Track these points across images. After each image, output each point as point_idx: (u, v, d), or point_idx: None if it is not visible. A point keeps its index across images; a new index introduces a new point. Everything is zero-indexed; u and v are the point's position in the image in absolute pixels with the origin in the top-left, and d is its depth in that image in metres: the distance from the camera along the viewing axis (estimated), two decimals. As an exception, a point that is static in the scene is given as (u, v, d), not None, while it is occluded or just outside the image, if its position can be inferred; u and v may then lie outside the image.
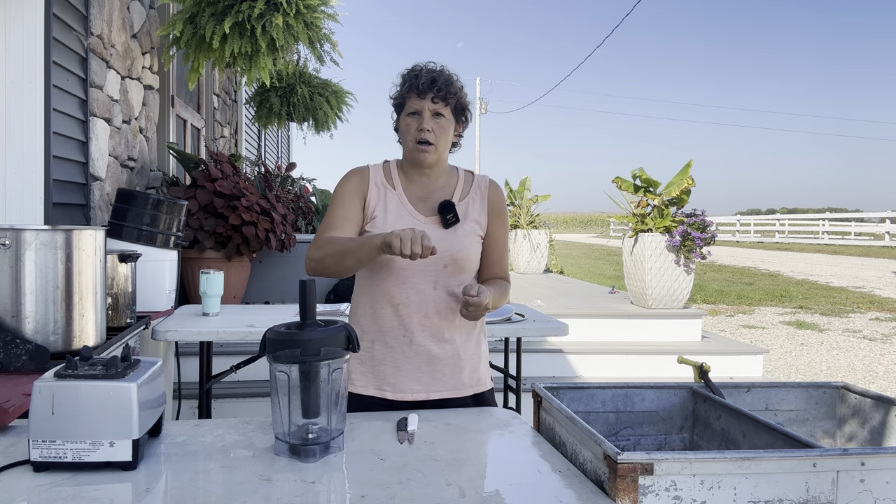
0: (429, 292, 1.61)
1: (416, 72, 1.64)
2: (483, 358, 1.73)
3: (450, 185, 1.72)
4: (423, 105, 1.62)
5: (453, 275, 1.63)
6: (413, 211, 1.65)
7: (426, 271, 1.61)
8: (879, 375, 5.82)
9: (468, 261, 1.65)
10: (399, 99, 1.67)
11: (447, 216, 1.64)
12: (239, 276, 4.62)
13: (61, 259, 1.72)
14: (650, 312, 5.03)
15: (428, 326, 1.62)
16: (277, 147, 11.26)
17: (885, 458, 1.06)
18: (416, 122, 1.62)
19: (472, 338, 1.69)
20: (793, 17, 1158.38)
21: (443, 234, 1.63)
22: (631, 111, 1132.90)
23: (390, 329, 1.62)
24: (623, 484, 1.00)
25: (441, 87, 1.61)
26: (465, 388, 1.66)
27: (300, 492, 1.04)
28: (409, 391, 1.62)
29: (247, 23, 3.58)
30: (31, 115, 2.71)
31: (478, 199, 1.71)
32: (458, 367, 1.65)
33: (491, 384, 1.73)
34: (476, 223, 1.68)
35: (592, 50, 18.67)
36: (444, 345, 1.63)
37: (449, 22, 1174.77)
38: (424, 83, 1.61)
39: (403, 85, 1.65)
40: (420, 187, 1.69)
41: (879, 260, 18.15)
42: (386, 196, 1.66)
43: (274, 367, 1.19)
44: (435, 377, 1.63)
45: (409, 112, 1.63)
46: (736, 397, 1.52)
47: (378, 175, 1.69)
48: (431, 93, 1.61)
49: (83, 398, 1.10)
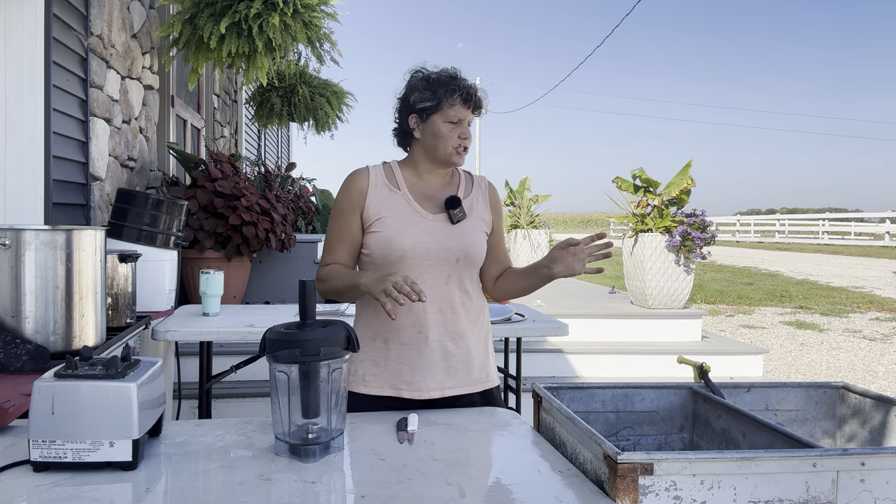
0: (442, 287, 1.64)
1: (464, 82, 1.68)
2: (491, 355, 1.76)
3: (452, 183, 1.76)
4: (467, 115, 1.67)
5: (464, 269, 1.67)
6: (420, 209, 1.67)
7: (439, 266, 1.64)
8: (879, 375, 5.81)
9: (479, 255, 1.69)
10: (435, 101, 1.66)
11: (454, 211, 1.66)
12: (239, 276, 4.62)
13: (61, 259, 1.72)
14: (650, 312, 5.03)
15: (442, 321, 1.64)
16: (277, 147, 11.26)
17: (885, 458, 1.06)
18: (458, 130, 1.66)
19: (481, 334, 1.72)
20: (793, 16, 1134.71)
21: (452, 230, 1.66)
22: (631, 111, 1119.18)
23: (405, 327, 1.63)
24: (623, 484, 1.00)
25: (482, 103, 1.70)
26: (476, 384, 1.68)
27: (300, 492, 1.04)
28: (426, 389, 1.63)
29: (244, 23, 3.58)
30: (31, 115, 2.71)
31: (480, 197, 1.76)
32: (470, 362, 1.67)
33: (498, 381, 1.76)
34: (481, 220, 1.73)
35: (593, 49, 18.65)
36: (458, 340, 1.66)
37: (449, 22, 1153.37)
38: (475, 97, 1.67)
39: (450, 91, 1.65)
40: (426, 186, 1.72)
41: (879, 260, 18.15)
42: (391, 197, 1.67)
43: (274, 367, 1.19)
44: (449, 373, 1.65)
45: (450, 119, 1.65)
46: (736, 397, 1.52)
47: (379, 176, 1.70)
48: (477, 106, 1.69)
49: (83, 398, 1.10)
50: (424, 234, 1.63)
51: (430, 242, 1.63)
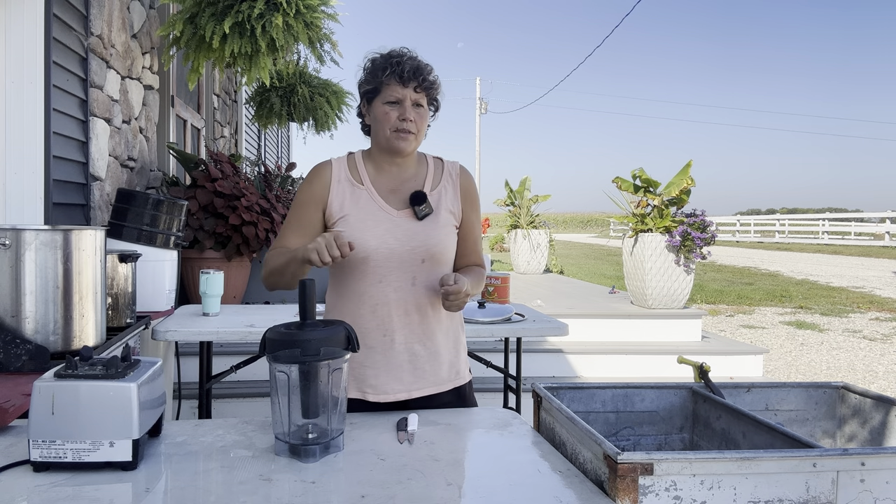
0: (408, 289, 1.57)
1: (396, 58, 1.56)
2: (461, 350, 1.69)
3: (420, 174, 1.65)
4: (406, 94, 1.55)
5: (431, 269, 1.59)
6: (384, 205, 1.59)
7: (403, 267, 1.57)
8: (879, 375, 5.82)
9: (445, 253, 1.61)
10: (373, 84, 1.58)
11: (420, 207, 1.58)
12: (239, 276, 4.62)
13: (61, 259, 1.72)
14: (650, 312, 5.03)
15: (409, 324, 1.58)
16: (277, 147, 11.26)
17: (885, 458, 1.06)
18: (396, 112, 1.56)
19: (450, 332, 1.65)
20: (793, 16, 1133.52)
21: (417, 228, 1.58)
22: (631, 111, 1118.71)
23: (369, 330, 1.57)
24: (623, 484, 1.00)
25: (424, 76, 1.56)
26: (444, 383, 1.63)
27: (300, 492, 1.04)
28: (392, 391, 1.58)
29: (246, 23, 3.58)
30: (31, 115, 2.71)
31: (450, 187, 1.65)
32: (438, 362, 1.61)
33: (469, 376, 1.69)
34: (450, 213, 1.63)
35: (592, 50, 18.67)
36: (426, 342, 1.60)
37: (449, 22, 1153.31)
38: (409, 71, 1.54)
39: (381, 71, 1.56)
40: (389, 178, 1.63)
41: (879, 260, 18.15)
42: (353, 192, 1.60)
43: (274, 367, 1.19)
44: (416, 375, 1.59)
45: (388, 100, 1.56)
46: (736, 397, 1.52)
47: (342, 170, 1.62)
48: (415, 82, 1.55)
49: (83, 398, 1.10)
50: (388, 234, 1.56)
51: (393, 243, 1.56)
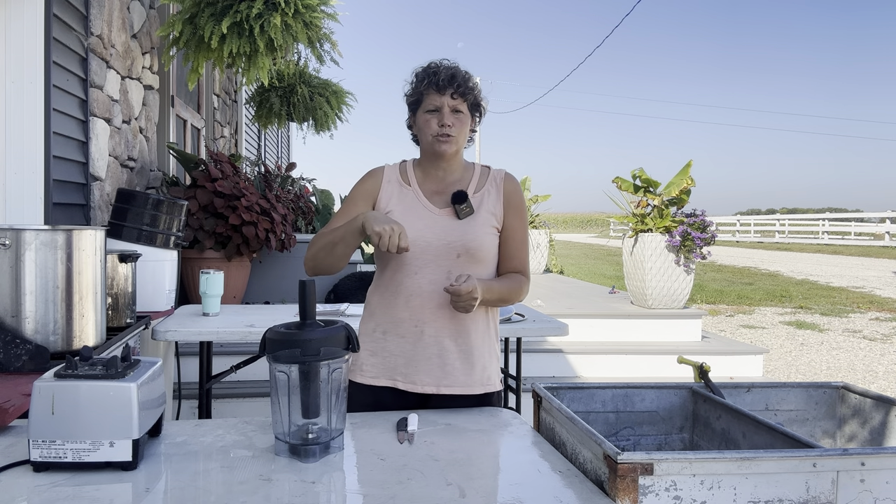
0: (442, 283, 1.62)
1: (433, 69, 1.66)
2: (495, 358, 1.73)
3: (465, 178, 1.73)
4: (443, 101, 1.64)
5: (467, 265, 1.64)
6: (427, 203, 1.67)
7: (438, 261, 1.62)
8: (879, 375, 5.82)
9: (482, 251, 1.65)
10: (416, 96, 1.68)
11: (460, 205, 1.65)
12: (239, 276, 4.62)
13: (61, 259, 1.72)
14: (650, 312, 5.03)
15: (440, 317, 1.63)
16: (277, 147, 11.26)
17: (885, 458, 1.06)
18: (436, 118, 1.65)
19: (487, 336, 1.70)
20: (793, 16, 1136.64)
21: (455, 225, 1.65)
22: (631, 111, 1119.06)
23: (402, 320, 1.64)
24: (623, 484, 1.00)
25: (460, 83, 1.65)
26: (475, 385, 1.65)
27: (300, 492, 1.04)
28: (420, 383, 1.63)
29: (245, 23, 3.58)
30: (31, 115, 2.70)
31: (493, 191, 1.71)
32: (470, 363, 1.65)
33: (500, 386, 1.72)
34: (491, 215, 1.69)
35: (592, 50, 18.66)
36: (457, 338, 1.64)
37: (449, 22, 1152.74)
38: (444, 79, 1.63)
39: (421, 82, 1.67)
40: (436, 182, 1.71)
41: (879, 260, 18.15)
42: (401, 192, 1.69)
43: (274, 367, 1.19)
44: (446, 370, 1.63)
45: (428, 109, 1.66)
46: (736, 397, 1.52)
47: (393, 173, 1.73)
48: (451, 89, 1.63)
49: (83, 398, 1.10)
50: (426, 228, 1.63)
51: (430, 237, 1.63)
